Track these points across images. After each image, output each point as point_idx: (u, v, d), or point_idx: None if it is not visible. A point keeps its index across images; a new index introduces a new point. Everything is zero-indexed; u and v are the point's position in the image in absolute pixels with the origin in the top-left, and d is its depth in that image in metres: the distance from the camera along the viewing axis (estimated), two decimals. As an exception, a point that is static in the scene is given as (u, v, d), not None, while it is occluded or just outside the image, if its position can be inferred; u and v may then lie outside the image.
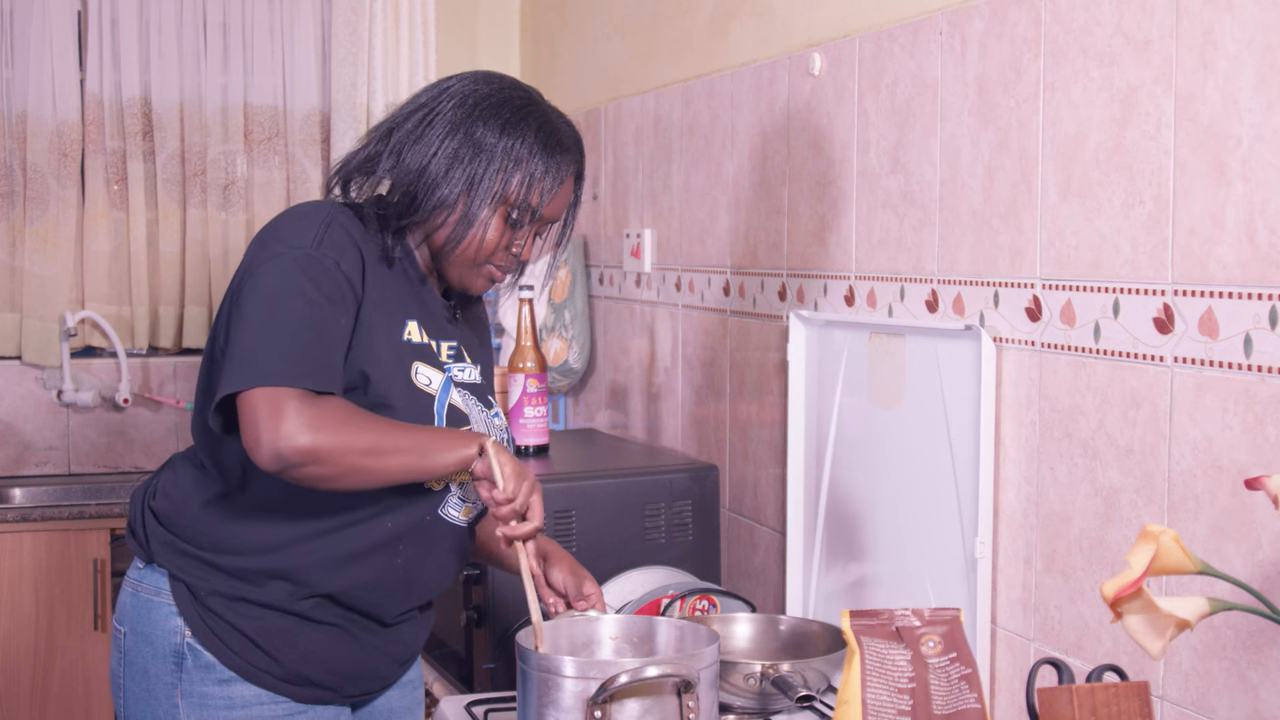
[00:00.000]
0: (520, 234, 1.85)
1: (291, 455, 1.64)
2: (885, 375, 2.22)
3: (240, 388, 1.66)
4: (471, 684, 2.51)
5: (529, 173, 1.81)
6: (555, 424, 3.67)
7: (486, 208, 1.81)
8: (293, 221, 1.78)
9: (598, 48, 3.60)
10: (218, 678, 1.80)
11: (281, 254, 1.73)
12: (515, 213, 1.82)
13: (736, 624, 2.13)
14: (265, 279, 1.72)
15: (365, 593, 1.84)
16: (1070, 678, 1.52)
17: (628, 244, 3.29)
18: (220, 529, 1.81)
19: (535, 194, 1.82)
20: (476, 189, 1.80)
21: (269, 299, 1.71)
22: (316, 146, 4.13)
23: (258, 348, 1.68)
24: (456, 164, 1.80)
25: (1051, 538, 1.92)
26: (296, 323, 1.70)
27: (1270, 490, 1.32)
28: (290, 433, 1.64)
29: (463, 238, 1.82)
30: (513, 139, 1.81)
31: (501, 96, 1.84)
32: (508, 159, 1.81)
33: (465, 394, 1.87)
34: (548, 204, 1.84)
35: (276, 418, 1.64)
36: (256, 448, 1.65)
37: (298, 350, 1.68)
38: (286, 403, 1.65)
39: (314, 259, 1.73)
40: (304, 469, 1.66)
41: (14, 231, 3.95)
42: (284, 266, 1.72)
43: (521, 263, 1.89)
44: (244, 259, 1.79)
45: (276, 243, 1.75)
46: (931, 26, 2.15)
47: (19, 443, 4.00)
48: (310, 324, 1.70)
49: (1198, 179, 1.67)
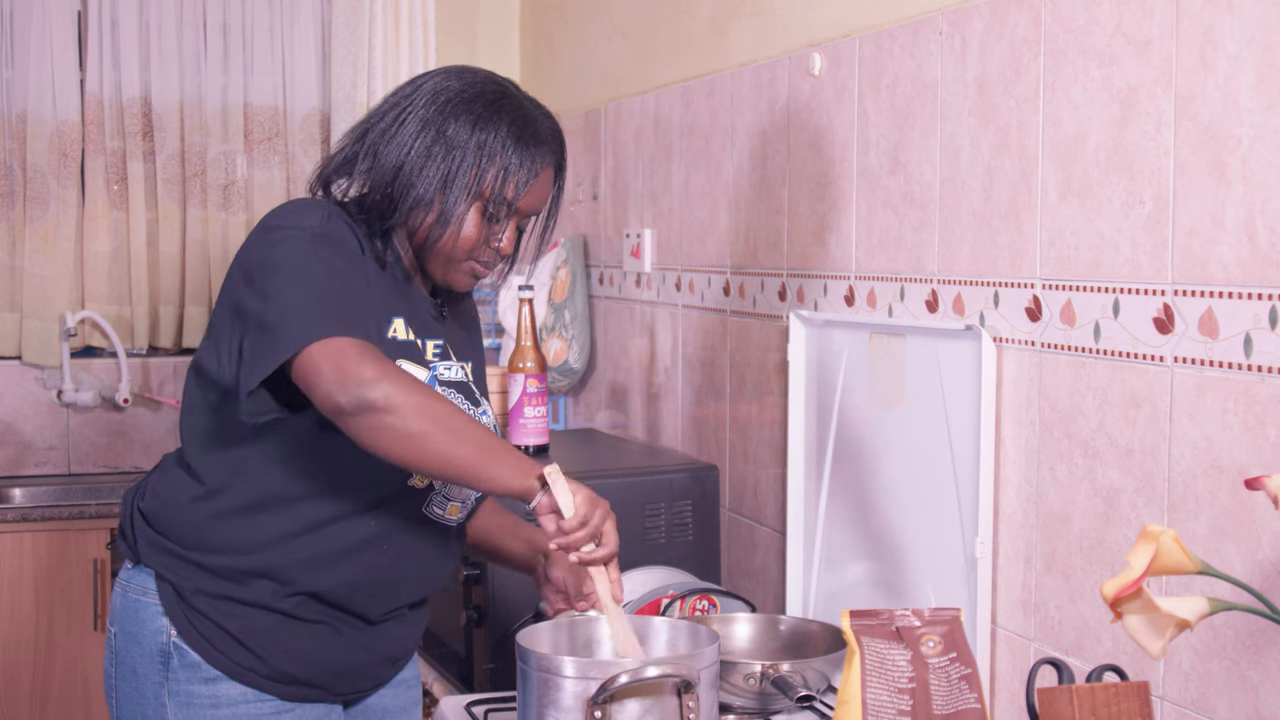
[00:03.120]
0: (498, 228, 1.84)
1: (376, 399, 1.59)
2: (885, 375, 2.22)
3: (294, 350, 1.62)
4: (471, 684, 2.51)
5: (503, 166, 1.81)
6: (555, 424, 3.67)
7: (463, 203, 1.80)
8: (292, 211, 1.78)
9: (598, 48, 3.60)
10: (203, 676, 1.80)
11: (290, 235, 1.73)
12: (491, 207, 1.82)
13: (736, 624, 2.13)
14: (281, 257, 1.70)
15: (350, 591, 1.83)
16: (1070, 678, 1.52)
17: (628, 244, 3.29)
18: (204, 528, 1.81)
19: (510, 187, 1.81)
20: (451, 185, 1.80)
21: (292, 271, 1.69)
22: (316, 146, 4.13)
23: (298, 312, 1.64)
24: (430, 161, 1.80)
25: (1051, 538, 1.92)
26: (329, 285, 1.68)
27: (1270, 490, 1.32)
28: (374, 377, 1.60)
29: (441, 235, 1.81)
30: (485, 133, 1.81)
31: (474, 91, 1.83)
32: (480, 153, 1.80)
33: (450, 392, 1.86)
34: (524, 196, 1.83)
35: (354, 362, 1.61)
36: (334, 392, 1.60)
37: (342, 307, 1.66)
38: (353, 348, 1.62)
39: (323, 235, 1.73)
40: (382, 416, 1.60)
41: (14, 231, 3.95)
42: (298, 243, 1.71)
43: (504, 256, 1.88)
44: (243, 249, 1.77)
45: (280, 229, 1.74)
46: (931, 26, 2.15)
47: (19, 443, 4.00)
48: (342, 286, 1.69)
49: (1198, 179, 1.67)
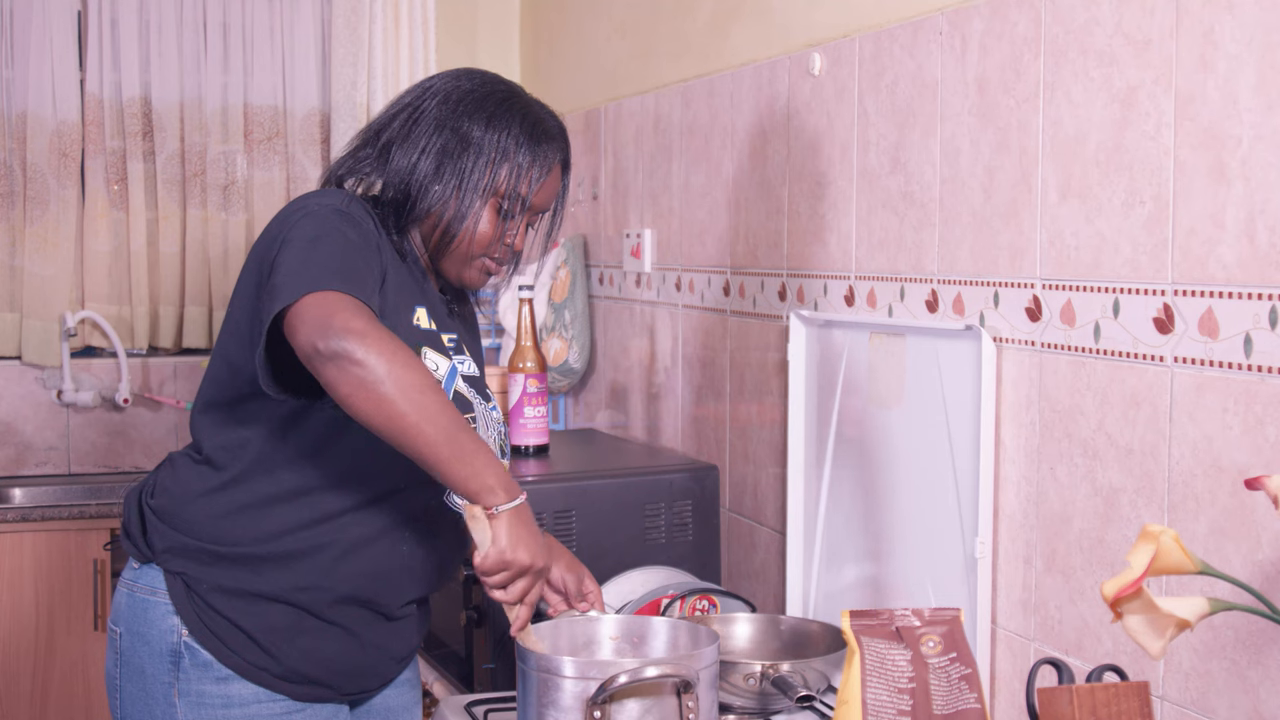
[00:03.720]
0: (512, 225, 1.87)
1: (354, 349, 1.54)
2: (885, 375, 2.22)
3: (291, 299, 1.59)
4: (471, 684, 2.51)
5: (517, 163, 1.84)
6: (555, 424, 3.67)
7: (478, 201, 1.84)
8: (316, 195, 1.79)
9: (598, 48, 3.60)
10: (215, 676, 1.79)
11: (310, 211, 1.73)
12: (506, 204, 1.85)
13: (736, 624, 2.13)
14: (299, 231, 1.69)
15: (369, 582, 1.83)
16: (1070, 678, 1.52)
17: (628, 244, 3.29)
18: (221, 520, 1.80)
19: (524, 184, 1.85)
20: (466, 183, 1.83)
21: (308, 239, 1.67)
22: (316, 146, 4.13)
23: (302, 268, 1.62)
24: (446, 160, 1.83)
25: (1051, 538, 1.92)
26: (340, 251, 1.67)
27: (1270, 490, 1.32)
28: (357, 329, 1.56)
29: (457, 232, 1.84)
30: (498, 131, 1.84)
31: (484, 91, 1.87)
32: (495, 151, 1.84)
33: (469, 385, 1.88)
34: (537, 193, 1.87)
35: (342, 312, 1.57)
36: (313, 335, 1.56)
37: (346, 269, 1.65)
38: (347, 302, 1.59)
39: (346, 214, 1.74)
40: (341, 362, 1.55)
41: (14, 231, 3.94)
42: (318, 218, 1.71)
43: (516, 254, 1.91)
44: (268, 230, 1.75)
45: (299, 211, 1.74)
46: (931, 26, 2.15)
47: (19, 443, 4.00)
48: (353, 254, 1.68)
49: (1198, 179, 1.67)
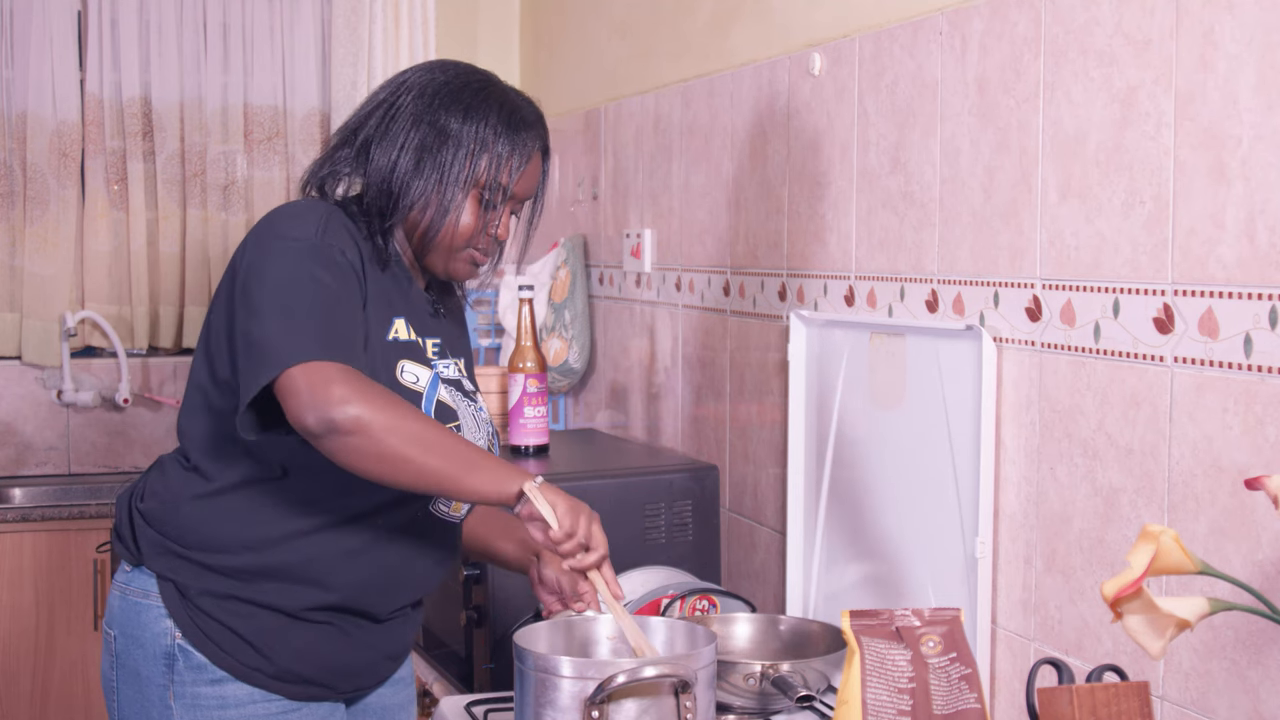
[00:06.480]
0: (494, 215, 1.87)
1: (343, 422, 1.61)
2: (885, 375, 2.22)
3: (276, 372, 1.64)
4: (471, 684, 2.51)
5: (496, 153, 1.84)
6: (555, 424, 3.67)
7: (459, 194, 1.83)
8: (290, 217, 1.78)
9: (598, 48, 3.60)
10: (210, 678, 1.79)
11: (286, 247, 1.73)
12: (488, 194, 1.85)
13: (736, 624, 2.13)
14: (273, 271, 1.71)
15: (358, 590, 1.83)
16: (1070, 678, 1.52)
17: (628, 244, 3.29)
18: (209, 528, 1.81)
19: (505, 173, 1.85)
20: (447, 177, 1.82)
21: (282, 288, 1.69)
22: (316, 147, 4.13)
23: (283, 333, 1.66)
24: (425, 155, 1.82)
25: (1051, 538, 1.92)
26: (316, 306, 1.69)
27: (1270, 490, 1.32)
28: (342, 397, 1.61)
29: (440, 226, 1.84)
30: (476, 122, 1.84)
31: (460, 82, 1.86)
32: (474, 142, 1.83)
33: (451, 390, 1.87)
34: (518, 181, 1.86)
35: (325, 385, 1.62)
36: (304, 413, 1.62)
37: (324, 330, 1.67)
38: (330, 372, 1.63)
39: (319, 248, 1.73)
40: (348, 438, 1.62)
41: (14, 231, 3.94)
42: (291, 257, 1.72)
43: (500, 243, 1.91)
44: (238, 254, 1.77)
45: (276, 238, 1.75)
46: (931, 26, 2.15)
47: (19, 443, 4.00)
48: (329, 307, 1.70)
49: (1198, 179, 1.66)
